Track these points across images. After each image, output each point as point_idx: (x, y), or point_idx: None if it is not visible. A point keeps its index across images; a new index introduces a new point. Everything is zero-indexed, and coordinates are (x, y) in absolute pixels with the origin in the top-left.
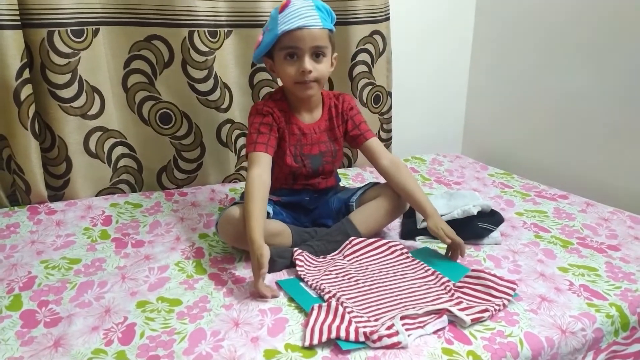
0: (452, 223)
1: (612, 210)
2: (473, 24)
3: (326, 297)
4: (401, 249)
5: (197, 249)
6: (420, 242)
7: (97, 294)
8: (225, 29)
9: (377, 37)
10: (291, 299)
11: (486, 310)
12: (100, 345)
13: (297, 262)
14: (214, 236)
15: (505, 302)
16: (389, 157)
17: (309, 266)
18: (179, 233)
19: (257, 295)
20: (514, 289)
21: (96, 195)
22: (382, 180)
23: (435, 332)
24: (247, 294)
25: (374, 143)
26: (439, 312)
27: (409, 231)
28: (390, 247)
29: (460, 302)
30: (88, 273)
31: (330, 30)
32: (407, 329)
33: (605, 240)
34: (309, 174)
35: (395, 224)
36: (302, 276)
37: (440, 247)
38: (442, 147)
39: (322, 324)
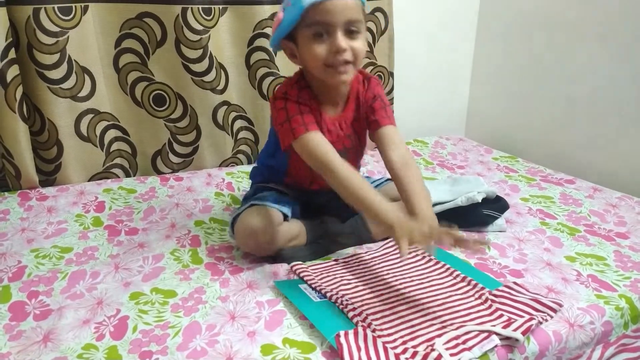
0: (456, 210)
1: (620, 195)
2: (479, 4)
3: (350, 314)
4: (422, 252)
5: (193, 237)
6: None
7: (89, 284)
8: (220, 6)
9: (378, 14)
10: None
11: (532, 319)
12: (91, 340)
13: (305, 277)
14: (210, 223)
15: (548, 317)
16: (401, 153)
17: (319, 275)
18: (175, 220)
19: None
20: (560, 305)
21: (89, 180)
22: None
23: None
24: (244, 284)
25: (387, 130)
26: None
27: None
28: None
29: (501, 316)
30: (80, 262)
31: (362, 3)
32: (451, 354)
33: (614, 227)
34: None
35: None
36: (317, 287)
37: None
38: (445, 129)
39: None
